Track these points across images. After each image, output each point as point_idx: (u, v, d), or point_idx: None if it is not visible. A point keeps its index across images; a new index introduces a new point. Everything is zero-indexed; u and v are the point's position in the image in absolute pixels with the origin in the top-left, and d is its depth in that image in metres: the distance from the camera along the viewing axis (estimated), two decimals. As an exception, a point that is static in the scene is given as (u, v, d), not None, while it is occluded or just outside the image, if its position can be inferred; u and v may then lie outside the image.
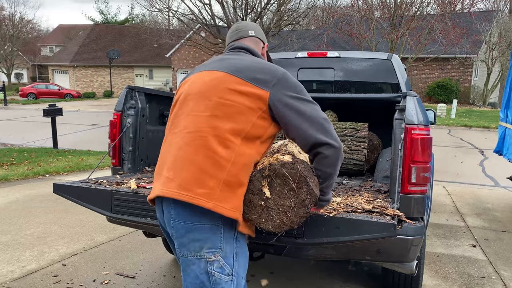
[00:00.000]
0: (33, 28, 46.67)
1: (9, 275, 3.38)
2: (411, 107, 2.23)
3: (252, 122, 1.67)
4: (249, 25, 2.01)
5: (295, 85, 1.77)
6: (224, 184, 1.60)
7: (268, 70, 1.74)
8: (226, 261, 1.65)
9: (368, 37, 19.99)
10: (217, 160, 1.61)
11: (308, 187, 1.62)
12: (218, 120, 1.65)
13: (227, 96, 1.68)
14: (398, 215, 2.05)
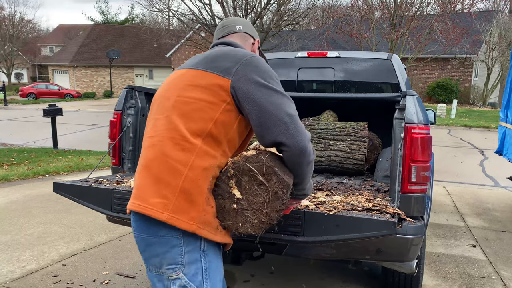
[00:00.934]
0: (33, 28, 46.68)
1: (9, 275, 3.38)
2: (411, 106, 2.23)
3: (214, 119, 1.47)
4: (236, 21, 1.84)
5: (263, 70, 1.53)
6: (181, 192, 1.42)
7: (234, 56, 1.54)
8: (190, 279, 1.45)
9: (368, 37, 20.00)
10: (172, 165, 1.44)
11: (277, 177, 1.48)
12: (176, 121, 1.48)
13: (185, 93, 1.52)
14: (399, 214, 2.05)
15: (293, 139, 1.43)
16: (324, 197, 2.34)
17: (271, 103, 1.46)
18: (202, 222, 1.44)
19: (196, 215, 1.43)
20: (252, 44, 1.84)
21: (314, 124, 3.49)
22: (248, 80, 1.48)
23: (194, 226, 1.42)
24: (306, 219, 1.94)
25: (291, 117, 1.46)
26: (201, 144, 1.46)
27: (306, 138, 1.47)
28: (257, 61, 1.54)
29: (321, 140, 3.35)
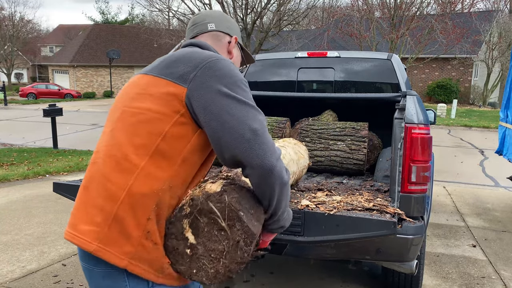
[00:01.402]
0: (33, 28, 46.68)
1: (9, 275, 3.38)
2: (411, 107, 2.24)
3: (164, 133, 1.24)
4: (208, 16, 1.56)
5: (227, 75, 1.27)
6: (114, 221, 1.21)
7: (193, 59, 1.29)
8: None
9: (368, 37, 20.01)
10: (109, 188, 1.23)
11: (242, 224, 1.24)
12: (119, 136, 1.28)
13: (133, 103, 1.30)
14: (399, 213, 2.05)
15: (257, 159, 1.19)
16: (324, 197, 2.34)
17: (232, 115, 1.21)
18: (137, 259, 1.22)
19: (130, 250, 1.21)
20: (228, 43, 1.55)
21: (314, 124, 3.49)
22: (206, 88, 1.24)
23: (125, 261, 1.21)
24: (306, 219, 1.95)
25: (255, 132, 1.21)
26: (145, 164, 1.23)
27: (275, 156, 1.22)
28: (221, 65, 1.29)
29: (321, 140, 3.36)
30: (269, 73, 4.36)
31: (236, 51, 1.58)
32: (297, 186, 2.73)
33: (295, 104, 4.02)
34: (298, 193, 2.50)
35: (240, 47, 1.62)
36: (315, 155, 3.35)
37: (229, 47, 1.55)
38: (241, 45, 1.62)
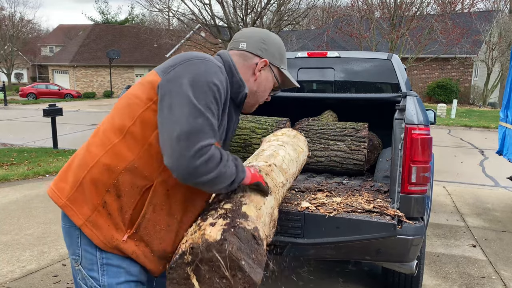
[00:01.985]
0: (33, 28, 46.66)
1: (9, 275, 3.38)
2: (411, 107, 2.23)
3: (136, 117, 1.36)
4: (243, 35, 1.61)
5: (199, 74, 1.31)
6: (80, 185, 1.37)
7: (185, 56, 1.39)
8: (88, 273, 1.40)
9: (368, 37, 20.00)
10: (84, 156, 1.41)
11: (243, 274, 1.24)
12: (109, 116, 1.45)
13: (129, 91, 1.46)
14: (399, 215, 2.05)
15: (176, 162, 1.25)
16: (324, 198, 2.34)
17: (172, 113, 1.27)
18: (91, 222, 1.37)
19: (87, 212, 1.37)
20: (256, 65, 1.57)
21: (314, 124, 3.49)
22: (173, 81, 1.31)
23: (81, 221, 1.37)
24: (306, 221, 1.95)
25: (183, 135, 1.24)
26: (118, 142, 1.36)
27: (193, 163, 1.24)
28: (200, 65, 1.34)
29: (321, 140, 3.35)
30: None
31: (265, 74, 1.60)
32: (297, 187, 2.73)
33: (295, 104, 4.02)
34: (298, 194, 2.50)
35: (279, 71, 1.64)
36: (315, 155, 3.35)
37: (256, 68, 1.57)
38: (281, 69, 1.64)
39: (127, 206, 1.37)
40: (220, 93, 1.34)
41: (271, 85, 1.63)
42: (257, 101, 1.63)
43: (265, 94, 1.63)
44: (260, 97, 1.62)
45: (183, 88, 1.28)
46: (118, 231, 1.38)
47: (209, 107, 1.29)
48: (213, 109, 1.31)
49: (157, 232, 1.41)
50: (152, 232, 1.41)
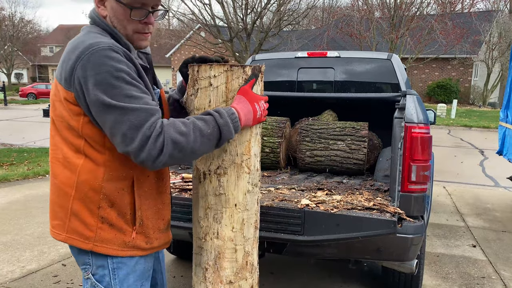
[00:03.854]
0: (33, 28, 46.64)
1: (9, 275, 3.38)
2: (411, 106, 2.24)
3: (80, 135, 1.36)
4: None
5: (98, 72, 1.25)
6: (72, 214, 1.39)
7: (70, 59, 1.30)
8: (99, 279, 1.44)
9: (368, 37, 20.01)
10: (59, 187, 1.41)
11: None
12: (57, 138, 1.41)
13: (53, 112, 1.41)
14: (399, 213, 2.05)
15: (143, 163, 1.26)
16: (324, 196, 2.34)
17: (106, 126, 1.27)
18: (99, 241, 1.40)
19: (91, 234, 1.40)
20: (97, 7, 1.41)
21: (314, 124, 3.49)
22: (85, 92, 1.27)
23: (90, 245, 1.40)
24: (306, 218, 1.95)
25: (125, 142, 1.25)
26: (83, 161, 1.36)
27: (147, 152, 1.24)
28: (94, 59, 1.26)
29: (321, 140, 3.36)
30: (269, 73, 4.36)
31: (109, 5, 1.39)
32: (297, 186, 2.73)
33: (295, 104, 4.02)
34: (298, 193, 2.50)
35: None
36: (315, 154, 3.35)
37: (100, 10, 1.41)
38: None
39: (123, 209, 1.41)
40: (128, 72, 1.28)
41: (123, 11, 1.37)
42: (129, 33, 1.41)
43: (129, 23, 1.39)
44: (129, 29, 1.40)
45: (96, 97, 1.25)
46: (126, 234, 1.42)
47: (130, 95, 1.26)
48: (135, 92, 1.27)
49: (157, 213, 1.49)
50: (153, 216, 1.48)
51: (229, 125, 1.34)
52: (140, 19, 1.39)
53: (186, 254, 3.75)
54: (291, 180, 3.11)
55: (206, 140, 1.30)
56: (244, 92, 1.43)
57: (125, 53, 1.32)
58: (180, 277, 3.44)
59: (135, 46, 1.44)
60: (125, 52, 1.32)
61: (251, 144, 1.48)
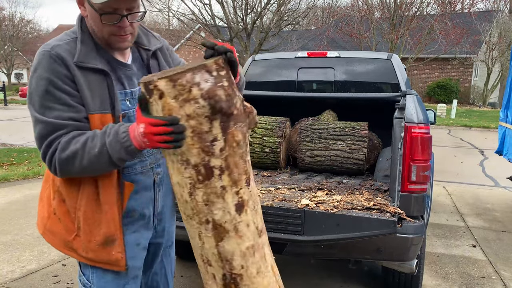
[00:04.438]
0: (33, 28, 46.65)
1: (9, 275, 3.38)
2: (411, 106, 2.24)
3: None
4: None
5: (30, 78, 1.37)
6: (40, 200, 1.66)
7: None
8: (82, 270, 1.58)
9: (368, 37, 20.00)
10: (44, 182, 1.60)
11: None
12: None
13: None
14: (399, 213, 2.05)
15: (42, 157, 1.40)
16: (324, 196, 2.34)
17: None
18: (48, 230, 1.60)
19: (45, 222, 1.64)
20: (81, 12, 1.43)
21: (314, 124, 3.49)
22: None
23: (41, 230, 1.66)
24: (306, 218, 1.95)
25: (36, 142, 1.39)
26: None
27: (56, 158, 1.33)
28: (34, 66, 1.36)
29: (321, 140, 3.36)
30: (269, 73, 4.36)
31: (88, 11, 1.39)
32: (297, 186, 2.73)
33: (295, 104, 4.02)
34: (298, 193, 2.50)
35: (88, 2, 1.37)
36: (315, 154, 3.35)
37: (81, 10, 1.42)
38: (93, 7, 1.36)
39: (71, 207, 1.48)
40: (51, 81, 1.31)
41: (96, 15, 1.36)
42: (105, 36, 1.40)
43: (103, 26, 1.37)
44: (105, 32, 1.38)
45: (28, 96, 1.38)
46: (68, 233, 1.53)
47: (45, 105, 1.32)
48: (50, 103, 1.32)
49: (93, 222, 1.46)
50: (90, 223, 1.46)
51: (114, 145, 1.28)
52: (113, 23, 1.36)
53: (186, 254, 3.76)
54: (291, 180, 3.11)
55: (95, 159, 1.30)
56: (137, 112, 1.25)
57: (60, 59, 1.33)
58: (180, 277, 3.44)
59: (114, 47, 1.43)
60: (60, 58, 1.33)
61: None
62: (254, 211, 1.24)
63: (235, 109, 1.15)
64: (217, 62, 1.13)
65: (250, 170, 1.24)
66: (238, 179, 1.18)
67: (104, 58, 1.42)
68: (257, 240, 1.25)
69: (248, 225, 1.21)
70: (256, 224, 1.24)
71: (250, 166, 1.24)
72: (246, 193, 1.20)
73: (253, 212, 1.23)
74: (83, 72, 1.35)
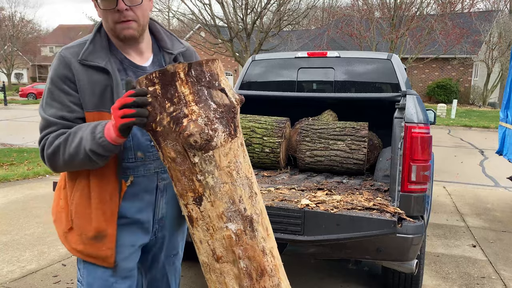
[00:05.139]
0: (33, 28, 46.63)
1: (9, 275, 3.38)
2: (411, 106, 2.24)
3: None
4: None
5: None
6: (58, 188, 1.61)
7: None
8: (78, 265, 1.58)
9: (368, 37, 20.00)
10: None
11: None
12: None
13: None
14: (399, 213, 2.05)
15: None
16: (324, 196, 2.34)
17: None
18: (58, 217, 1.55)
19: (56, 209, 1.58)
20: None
21: (314, 124, 3.49)
22: None
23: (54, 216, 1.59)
24: (306, 218, 1.95)
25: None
26: None
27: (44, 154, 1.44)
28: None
29: (321, 140, 3.36)
30: (269, 73, 4.36)
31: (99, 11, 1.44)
32: (297, 186, 2.73)
33: (295, 104, 4.02)
34: (298, 193, 2.50)
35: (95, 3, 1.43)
36: (315, 154, 3.35)
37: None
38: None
39: (68, 195, 1.49)
40: (54, 80, 1.42)
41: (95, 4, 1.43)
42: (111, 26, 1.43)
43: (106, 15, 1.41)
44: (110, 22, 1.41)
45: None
46: (65, 222, 1.51)
47: (47, 102, 1.44)
48: (50, 100, 1.42)
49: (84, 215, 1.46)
50: (81, 216, 1.46)
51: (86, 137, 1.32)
52: (109, 9, 1.38)
53: (185, 255, 3.75)
54: (291, 180, 3.11)
55: (74, 152, 1.34)
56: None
57: (65, 60, 1.41)
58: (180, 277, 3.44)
59: (121, 37, 1.43)
60: (65, 60, 1.41)
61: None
62: (207, 233, 1.23)
63: (158, 126, 1.17)
64: (148, 77, 1.18)
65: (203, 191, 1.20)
66: (182, 193, 1.23)
67: (117, 58, 1.46)
68: (211, 261, 1.25)
69: (201, 241, 1.26)
70: (212, 246, 1.23)
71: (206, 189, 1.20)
72: (195, 211, 1.22)
73: (205, 232, 1.23)
74: (86, 70, 1.40)
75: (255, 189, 1.28)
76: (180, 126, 1.14)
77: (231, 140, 1.19)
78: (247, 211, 1.22)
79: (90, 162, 1.34)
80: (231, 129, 1.19)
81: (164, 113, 1.15)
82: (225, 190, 1.19)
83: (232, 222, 1.20)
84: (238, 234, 1.21)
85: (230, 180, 1.20)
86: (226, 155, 1.18)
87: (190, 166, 1.18)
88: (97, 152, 1.30)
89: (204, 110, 1.15)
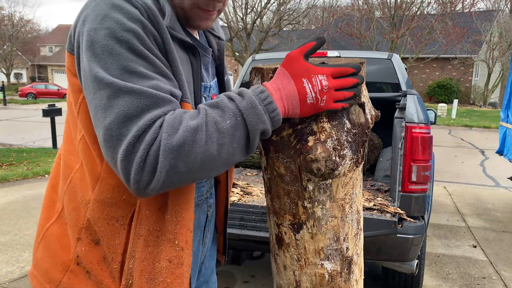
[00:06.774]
0: (33, 28, 46.63)
1: (8, 275, 3.37)
2: (411, 106, 2.23)
3: (77, 119, 0.93)
4: None
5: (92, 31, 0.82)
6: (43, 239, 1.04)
7: (77, 16, 0.89)
8: None
9: (368, 37, 20.01)
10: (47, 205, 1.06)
11: None
12: (65, 130, 1.02)
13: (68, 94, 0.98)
14: (399, 213, 2.04)
15: (115, 167, 0.79)
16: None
17: (91, 106, 0.83)
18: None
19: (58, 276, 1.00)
20: None
21: (314, 124, 3.48)
22: (81, 57, 0.84)
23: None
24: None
25: (106, 131, 0.78)
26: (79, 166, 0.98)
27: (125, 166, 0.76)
28: (97, 11, 0.83)
29: (321, 139, 3.34)
30: (269, 72, 4.35)
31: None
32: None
33: None
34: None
35: None
36: (315, 154, 3.33)
37: None
38: None
39: (110, 252, 0.92)
40: (140, 36, 0.82)
41: None
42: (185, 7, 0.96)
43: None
44: (187, 2, 0.95)
45: (85, 63, 0.82)
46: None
47: (132, 69, 0.80)
48: (141, 67, 0.81)
49: (157, 272, 0.93)
50: (151, 277, 0.92)
51: (257, 108, 0.81)
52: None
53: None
54: (291, 180, 3.09)
55: (228, 136, 0.79)
56: (288, 62, 0.86)
57: (148, 11, 0.86)
58: None
59: (193, 25, 1.01)
60: (149, 11, 0.86)
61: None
62: (297, 263, 1.01)
63: (275, 135, 0.91)
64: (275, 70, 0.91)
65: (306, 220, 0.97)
66: (278, 211, 1.00)
67: (188, 35, 1.01)
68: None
69: (285, 267, 1.04)
70: (297, 278, 1.02)
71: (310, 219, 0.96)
72: (288, 236, 1.00)
73: (294, 262, 1.01)
74: (174, 44, 0.92)
75: (361, 225, 1.07)
76: (303, 145, 0.89)
77: (355, 168, 0.96)
78: (348, 251, 1.01)
79: (241, 154, 0.83)
80: (359, 156, 0.94)
81: (287, 122, 0.89)
82: (332, 225, 0.97)
83: (329, 261, 1.00)
84: (332, 276, 1.00)
85: (341, 214, 0.98)
86: (344, 186, 0.95)
87: (299, 190, 0.94)
88: (268, 131, 0.83)
89: (337, 130, 0.89)
